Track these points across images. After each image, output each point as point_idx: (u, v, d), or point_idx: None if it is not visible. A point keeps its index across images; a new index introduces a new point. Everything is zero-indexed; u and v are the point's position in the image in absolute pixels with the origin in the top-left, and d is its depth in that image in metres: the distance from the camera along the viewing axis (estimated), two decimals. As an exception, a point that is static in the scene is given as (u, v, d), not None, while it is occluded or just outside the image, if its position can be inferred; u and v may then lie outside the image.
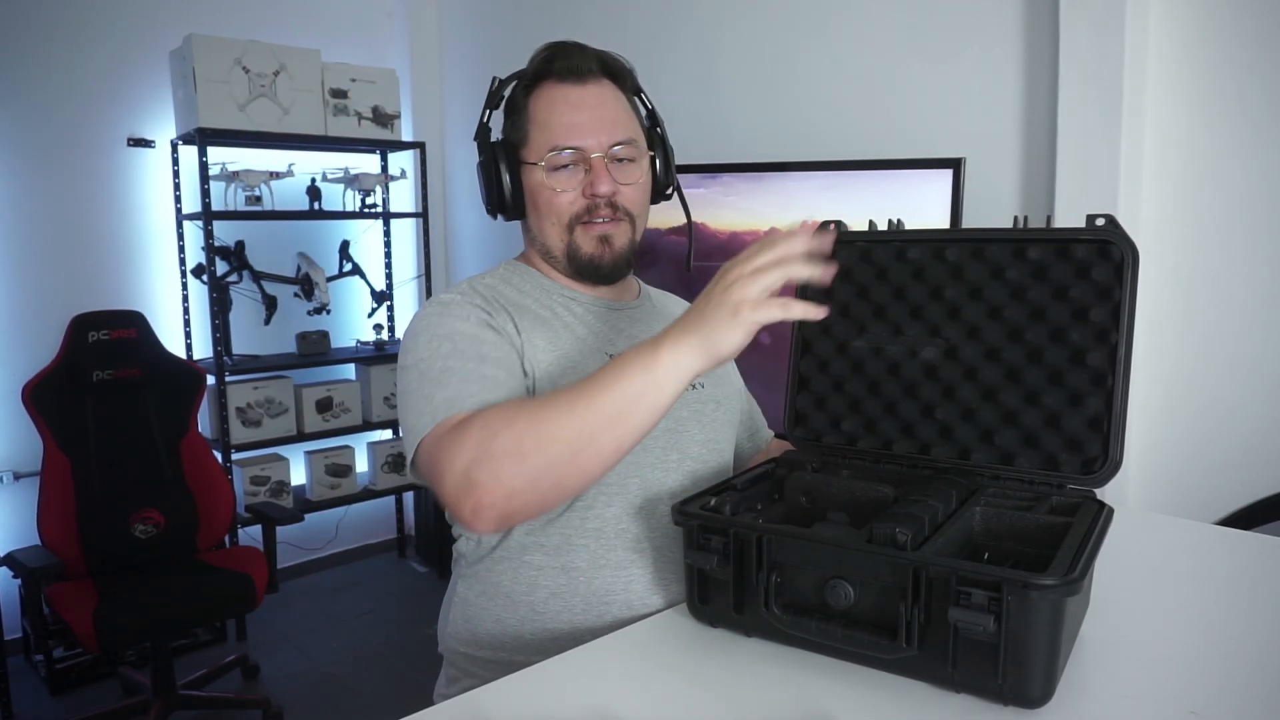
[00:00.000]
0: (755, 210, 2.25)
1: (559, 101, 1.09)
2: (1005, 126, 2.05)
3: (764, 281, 0.82)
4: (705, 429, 1.13)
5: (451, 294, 1.09)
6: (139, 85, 3.08)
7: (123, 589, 2.30)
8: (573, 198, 1.09)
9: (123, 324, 2.58)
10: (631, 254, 1.14)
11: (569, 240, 1.11)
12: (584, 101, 1.08)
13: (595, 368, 1.04)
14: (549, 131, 1.08)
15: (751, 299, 0.81)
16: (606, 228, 1.10)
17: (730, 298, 0.82)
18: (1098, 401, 0.93)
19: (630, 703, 0.79)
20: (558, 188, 1.08)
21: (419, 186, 3.58)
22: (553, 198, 1.09)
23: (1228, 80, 1.76)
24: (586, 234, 1.10)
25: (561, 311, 1.13)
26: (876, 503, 0.96)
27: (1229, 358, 1.81)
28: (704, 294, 0.86)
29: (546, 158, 1.08)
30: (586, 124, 1.08)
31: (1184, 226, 1.84)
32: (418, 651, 2.90)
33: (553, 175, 1.08)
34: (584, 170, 1.08)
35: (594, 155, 1.07)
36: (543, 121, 1.09)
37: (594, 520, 1.05)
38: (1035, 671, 0.73)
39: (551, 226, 1.11)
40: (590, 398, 0.85)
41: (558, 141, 1.07)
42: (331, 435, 3.39)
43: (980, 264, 1.00)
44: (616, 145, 1.09)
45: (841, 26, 2.34)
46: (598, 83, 1.10)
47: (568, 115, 1.08)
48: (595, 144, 1.08)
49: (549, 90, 1.09)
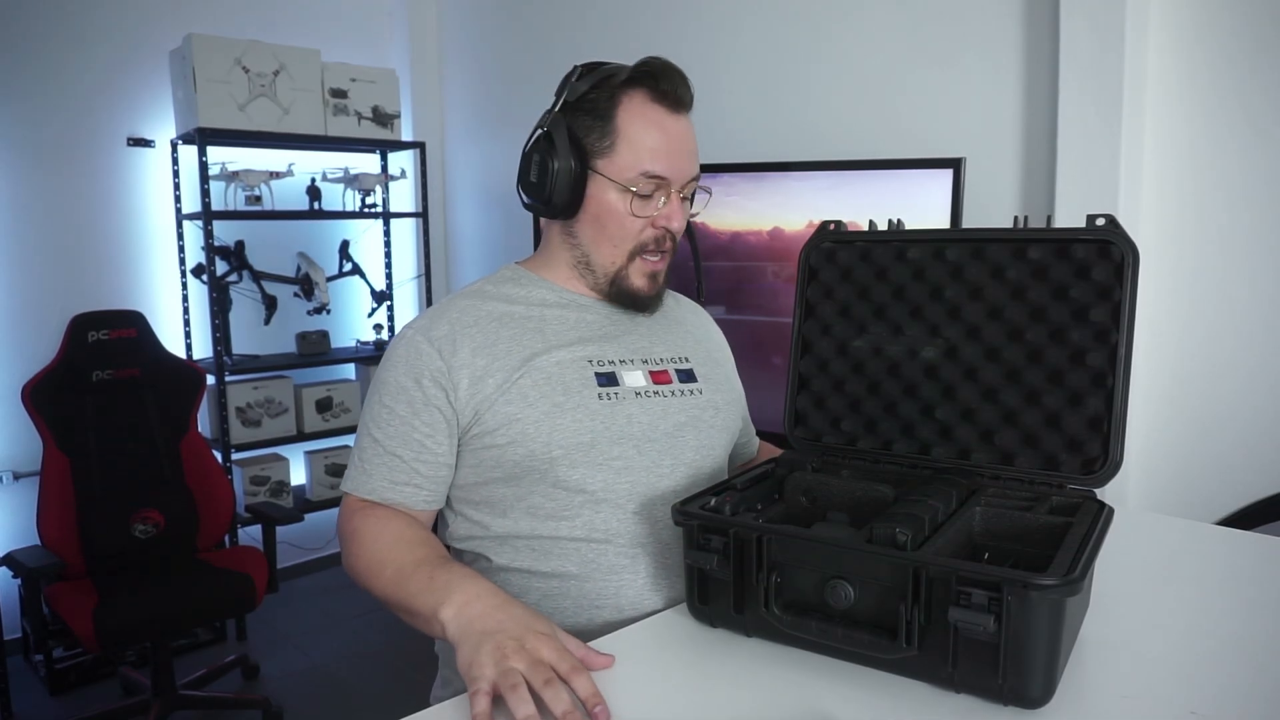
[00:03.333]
0: (756, 210, 2.25)
1: (655, 126, 1.06)
2: (1005, 126, 2.05)
3: (533, 671, 0.77)
4: (701, 434, 1.13)
5: (415, 333, 1.08)
6: (139, 85, 3.08)
7: (123, 589, 2.30)
8: (643, 225, 1.09)
9: (123, 324, 2.57)
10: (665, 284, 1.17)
11: (622, 266, 1.11)
12: (679, 132, 1.08)
13: (576, 380, 1.06)
14: (642, 155, 1.05)
15: (508, 668, 0.78)
16: (660, 265, 1.12)
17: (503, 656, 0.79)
18: (1098, 401, 0.93)
19: (630, 703, 0.79)
20: (638, 214, 1.08)
21: (419, 186, 3.58)
22: (628, 223, 1.08)
23: (1228, 80, 1.76)
24: (642, 267, 1.11)
25: (552, 318, 1.12)
26: (876, 503, 0.96)
27: (1229, 358, 1.81)
28: (502, 619, 0.84)
29: (636, 182, 1.06)
30: (677, 156, 1.07)
31: (1184, 226, 1.84)
32: (418, 651, 2.89)
33: (635, 201, 1.07)
34: (660, 201, 1.08)
35: (675, 189, 1.08)
36: (636, 141, 1.06)
37: (582, 528, 1.05)
38: (1035, 671, 0.73)
39: (612, 248, 1.10)
40: (397, 588, 0.95)
41: (649, 168, 1.06)
42: (331, 435, 3.39)
43: (980, 264, 1.00)
44: (692, 181, 1.10)
45: (842, 27, 2.34)
46: (688, 115, 1.10)
47: (664, 143, 1.06)
48: (679, 179, 1.08)
49: (643, 107, 1.06)
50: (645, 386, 1.10)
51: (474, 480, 1.08)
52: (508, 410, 1.04)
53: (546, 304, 1.13)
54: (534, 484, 1.05)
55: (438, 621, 0.88)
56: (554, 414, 1.04)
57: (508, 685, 0.76)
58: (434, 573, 0.94)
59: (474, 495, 1.09)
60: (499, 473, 1.05)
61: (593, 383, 1.07)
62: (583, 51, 3.27)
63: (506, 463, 1.04)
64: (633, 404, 1.08)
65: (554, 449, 1.03)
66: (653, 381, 1.11)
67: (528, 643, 0.81)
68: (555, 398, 1.05)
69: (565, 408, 1.04)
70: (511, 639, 0.81)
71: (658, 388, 1.11)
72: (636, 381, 1.10)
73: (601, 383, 1.08)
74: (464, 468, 1.08)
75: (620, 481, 1.05)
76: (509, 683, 0.77)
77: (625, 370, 1.10)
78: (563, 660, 0.80)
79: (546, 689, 0.76)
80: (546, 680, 0.77)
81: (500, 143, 3.51)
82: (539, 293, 1.14)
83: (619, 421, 1.06)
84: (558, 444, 1.03)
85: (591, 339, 1.11)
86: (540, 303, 1.13)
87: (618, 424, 1.06)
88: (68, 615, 2.16)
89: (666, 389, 1.12)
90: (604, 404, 1.06)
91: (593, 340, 1.11)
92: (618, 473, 1.05)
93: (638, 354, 1.13)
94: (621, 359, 1.11)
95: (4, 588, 2.67)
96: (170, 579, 2.39)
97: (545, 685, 0.77)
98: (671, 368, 1.15)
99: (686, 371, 1.16)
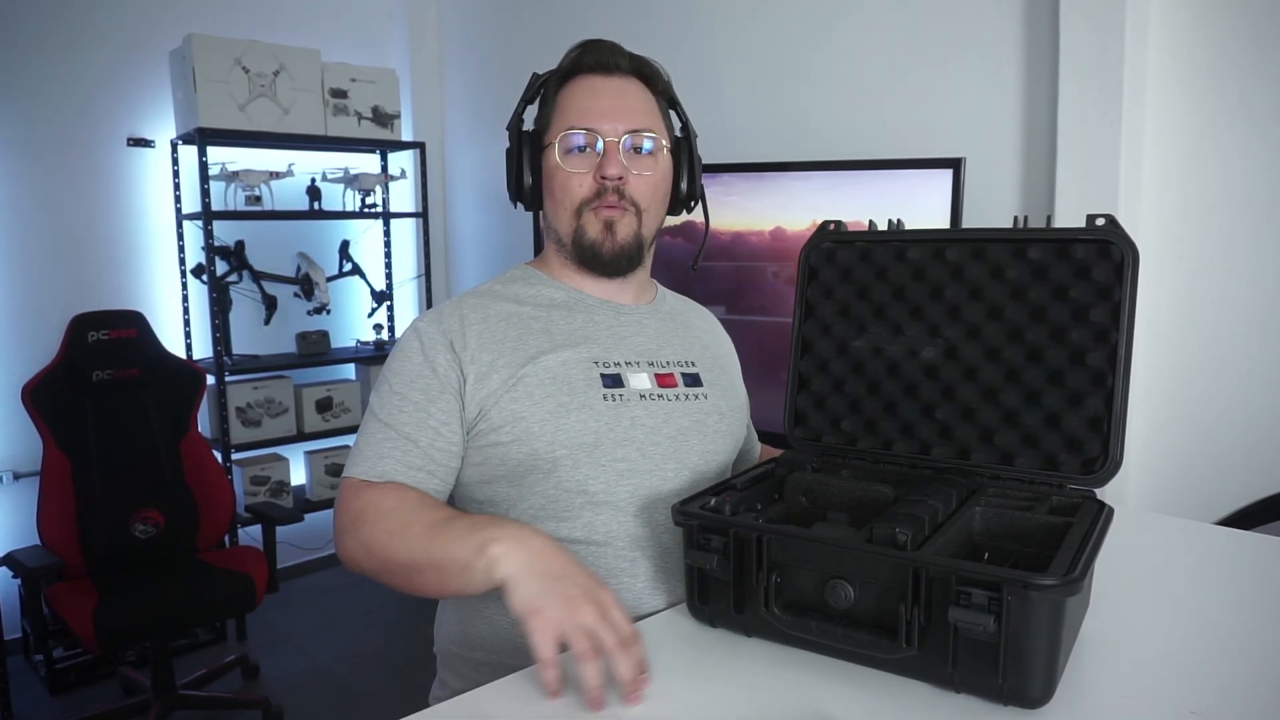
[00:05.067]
0: (756, 210, 2.25)
1: (583, 90, 1.11)
2: (1005, 126, 2.05)
3: (603, 629, 0.78)
4: (705, 439, 1.13)
5: (426, 325, 1.09)
6: (139, 85, 3.08)
7: (123, 589, 2.30)
8: (583, 179, 1.10)
9: (123, 324, 2.57)
10: (637, 248, 1.13)
11: (576, 225, 1.11)
12: (606, 90, 1.10)
13: (581, 380, 1.06)
14: (567, 114, 1.10)
15: (580, 622, 0.78)
16: (612, 213, 1.10)
17: (574, 604, 0.80)
18: (1098, 401, 0.93)
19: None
20: (570, 169, 1.09)
21: (419, 186, 3.58)
22: (565, 180, 1.10)
23: (1228, 80, 1.76)
24: (593, 219, 1.11)
25: (560, 319, 1.12)
26: (876, 503, 0.96)
27: (1229, 358, 1.81)
28: (578, 570, 0.85)
29: (560, 137, 1.10)
30: (605, 109, 1.09)
31: (1184, 226, 1.84)
32: (417, 652, 2.89)
33: (566, 157, 1.09)
34: (598, 156, 1.09)
35: (607, 139, 1.08)
36: (566, 108, 1.11)
37: (582, 529, 1.04)
38: (1035, 671, 0.73)
39: (563, 211, 1.12)
40: (429, 541, 0.91)
41: (573, 122, 1.09)
42: (331, 435, 3.39)
43: (980, 264, 1.00)
44: (631, 133, 1.09)
45: (842, 27, 2.34)
46: (624, 77, 1.12)
47: (587, 100, 1.10)
48: (610, 129, 1.09)
49: (578, 81, 1.12)
50: (650, 389, 1.10)
51: (477, 479, 1.08)
52: (513, 408, 1.04)
53: (554, 304, 1.14)
54: (536, 483, 1.05)
55: (485, 558, 0.85)
56: (559, 414, 1.04)
57: (583, 646, 0.77)
58: (475, 519, 0.93)
59: (476, 494, 1.09)
60: (502, 470, 1.05)
61: (598, 384, 1.07)
62: (583, 51, 3.25)
63: (510, 461, 1.04)
64: (637, 406, 1.08)
65: (558, 449, 1.03)
66: (658, 384, 1.11)
67: (595, 594, 0.81)
68: (560, 397, 1.05)
69: (570, 408, 1.04)
70: (579, 588, 0.81)
71: (662, 391, 1.11)
72: (641, 384, 1.10)
73: (607, 384, 1.08)
74: (468, 466, 1.08)
75: (622, 484, 1.05)
76: (583, 645, 0.77)
77: (630, 372, 1.10)
78: (626, 623, 0.80)
79: (620, 651, 0.77)
80: (622, 641, 0.78)
81: (500, 143, 3.47)
82: (547, 292, 1.15)
83: (623, 423, 1.06)
84: (561, 444, 1.03)
85: (597, 340, 1.11)
86: (548, 303, 1.14)
87: (622, 426, 1.06)
88: (68, 615, 2.16)
89: (671, 392, 1.12)
90: (609, 405, 1.06)
91: (598, 341, 1.11)
92: (620, 475, 1.05)
93: (643, 356, 1.13)
94: (627, 361, 1.11)
95: (4, 588, 2.67)
96: (170, 579, 2.39)
97: (619, 647, 0.77)
98: (677, 371, 1.15)
99: (692, 375, 1.16)
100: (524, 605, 0.81)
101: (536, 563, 0.84)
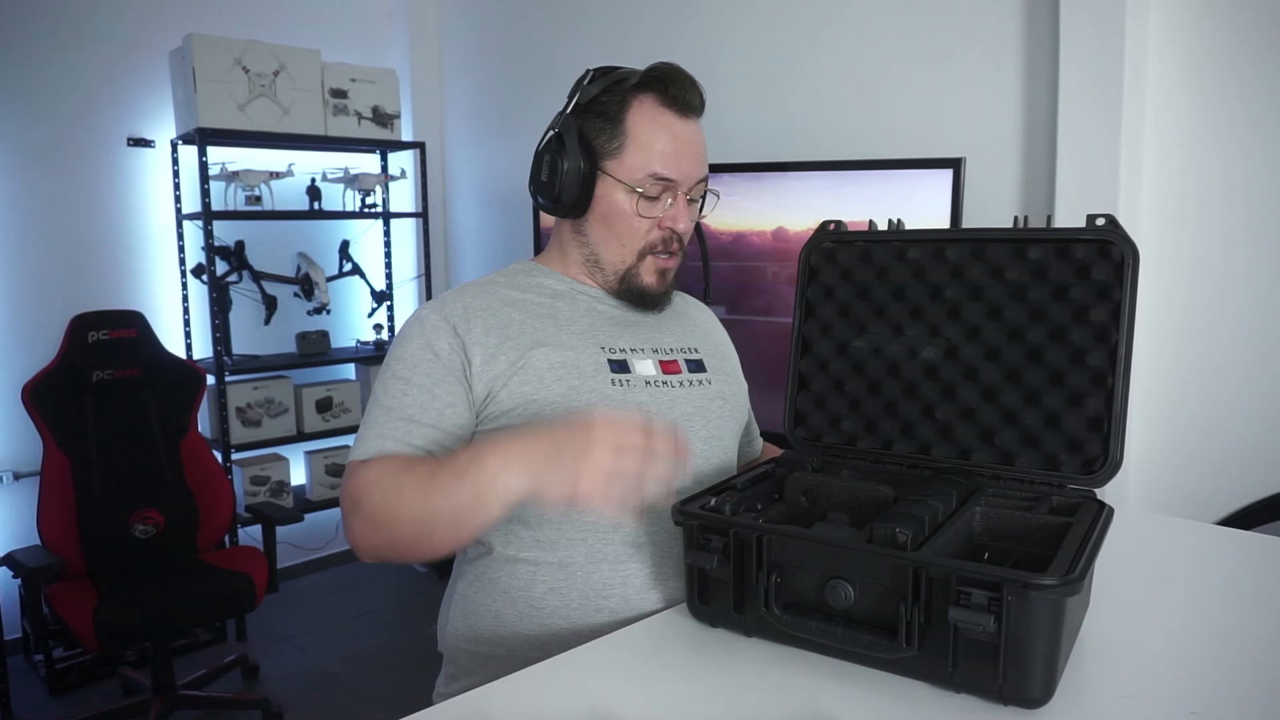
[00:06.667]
0: (756, 210, 2.25)
1: (664, 129, 1.08)
2: (1005, 126, 2.05)
3: (623, 464, 0.82)
4: (709, 425, 1.14)
5: (429, 311, 1.09)
6: (139, 85, 3.08)
7: (123, 589, 2.30)
8: (650, 226, 1.10)
9: (123, 324, 2.57)
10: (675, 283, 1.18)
11: (632, 265, 1.12)
12: (688, 136, 1.10)
13: (590, 365, 1.06)
14: (650, 157, 1.07)
15: (602, 472, 0.82)
16: (670, 263, 1.13)
17: (585, 459, 0.82)
18: (1098, 402, 0.93)
19: (630, 702, 0.79)
20: (645, 214, 1.09)
21: (419, 186, 3.58)
22: (635, 223, 1.10)
23: (1228, 80, 1.76)
24: (653, 265, 1.12)
25: (564, 307, 1.13)
26: (876, 503, 0.96)
27: (1229, 358, 1.81)
28: (564, 430, 0.86)
29: (643, 183, 1.08)
30: (685, 159, 1.09)
31: (1184, 226, 1.84)
32: (418, 651, 2.90)
33: (642, 202, 1.09)
34: (667, 202, 1.09)
35: (681, 191, 1.09)
36: (645, 144, 1.08)
37: (590, 516, 1.05)
38: (1035, 671, 0.73)
39: (621, 248, 1.12)
40: (430, 496, 0.91)
41: (657, 170, 1.07)
42: (331, 435, 3.39)
43: (980, 264, 1.00)
44: (699, 182, 1.11)
45: (842, 27, 2.34)
46: (697, 119, 1.12)
47: (672, 146, 1.08)
48: (686, 181, 1.09)
49: (653, 111, 1.08)
50: (655, 376, 1.11)
51: None
52: (524, 390, 1.04)
53: (558, 294, 1.14)
54: None
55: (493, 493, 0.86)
56: (570, 396, 1.04)
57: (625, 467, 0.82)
58: (457, 463, 0.91)
59: None
60: None
61: (606, 368, 1.08)
62: (583, 51, 3.27)
63: None
64: (643, 392, 1.09)
65: None
66: (662, 371, 1.13)
67: (591, 439, 0.83)
68: (570, 380, 1.05)
69: (581, 391, 1.05)
70: (578, 444, 0.83)
71: (667, 378, 1.12)
72: (647, 370, 1.11)
73: (614, 369, 1.09)
74: None
75: None
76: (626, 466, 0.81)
77: (636, 359, 1.11)
78: (632, 434, 0.83)
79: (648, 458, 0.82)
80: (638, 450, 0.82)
81: (500, 143, 3.51)
82: (550, 284, 1.16)
83: (631, 408, 1.07)
84: None
85: (603, 327, 1.13)
86: (551, 293, 1.14)
87: (629, 411, 1.06)
88: (68, 615, 2.16)
89: (675, 379, 1.13)
90: (617, 390, 1.07)
91: (604, 328, 1.12)
92: None
93: (648, 344, 1.14)
94: (632, 348, 1.12)
95: (4, 588, 2.66)
96: (170, 579, 2.39)
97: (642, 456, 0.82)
98: (681, 358, 1.16)
99: (696, 362, 1.17)
100: (558, 496, 0.83)
101: (533, 460, 0.86)
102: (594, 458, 0.82)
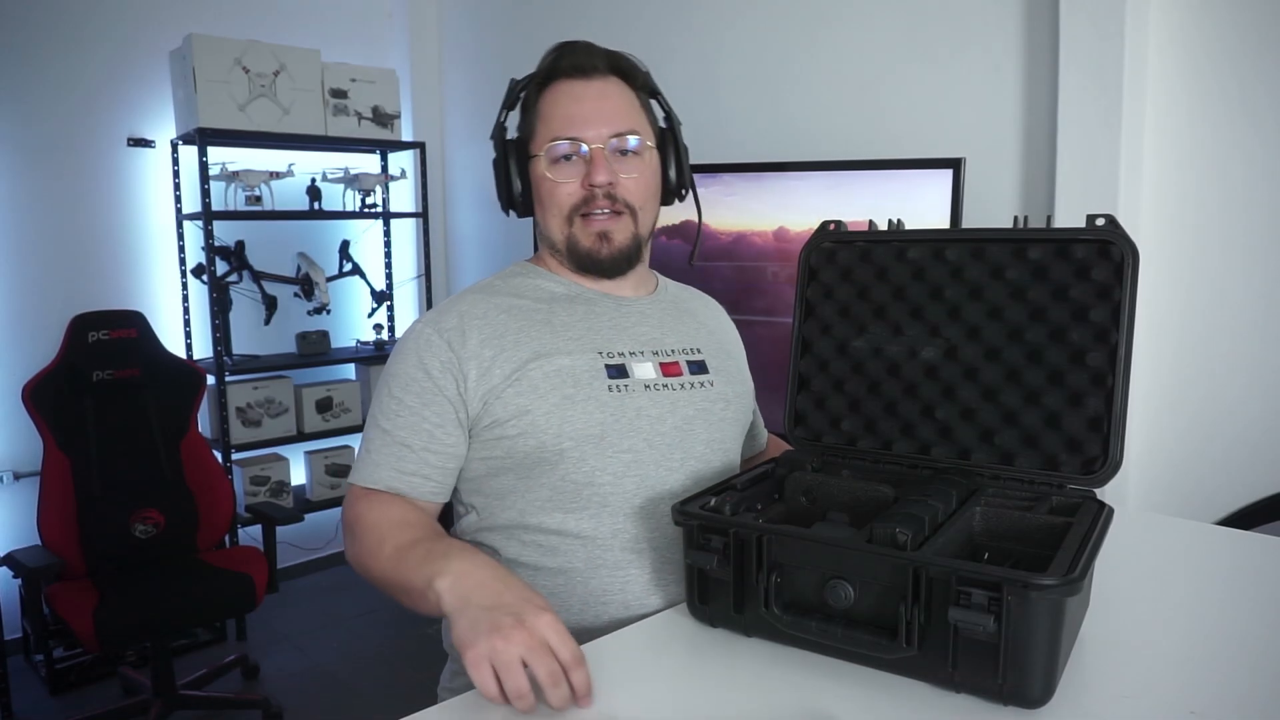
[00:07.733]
0: (756, 210, 2.25)
1: (563, 95, 1.11)
2: (1005, 126, 2.05)
3: (533, 663, 0.76)
4: (712, 428, 1.13)
5: (424, 326, 1.10)
6: (139, 85, 3.08)
7: (123, 589, 2.30)
8: (571, 189, 1.10)
9: (123, 324, 2.57)
10: (635, 249, 1.14)
11: (569, 233, 1.12)
12: (587, 95, 1.10)
13: (586, 372, 1.06)
14: (551, 124, 1.10)
15: (507, 656, 0.76)
16: (605, 223, 1.11)
17: (505, 635, 0.77)
18: (1098, 401, 0.93)
19: (630, 702, 0.79)
20: (557, 178, 1.10)
21: (419, 186, 3.58)
22: (553, 189, 1.11)
23: (1228, 80, 1.76)
24: (585, 228, 1.11)
25: (561, 311, 1.12)
26: (876, 503, 0.96)
27: (1228, 358, 1.81)
28: (518, 598, 0.82)
29: (546, 148, 1.10)
30: (587, 116, 1.09)
31: (1184, 226, 1.84)
32: (418, 651, 2.90)
33: (553, 167, 1.10)
34: (585, 163, 1.09)
35: (593, 146, 1.09)
36: (548, 116, 1.11)
37: (589, 521, 1.05)
38: (1035, 671, 0.73)
39: (553, 219, 1.12)
40: (398, 567, 0.95)
41: (557, 132, 1.09)
42: (331, 435, 3.39)
43: (980, 264, 1.00)
44: (616, 136, 1.09)
45: (842, 27, 2.34)
46: (603, 79, 1.12)
47: (569, 107, 1.10)
48: (594, 135, 1.09)
49: (557, 86, 1.12)
50: (655, 379, 1.11)
51: (483, 472, 1.08)
52: (518, 402, 1.04)
53: (555, 298, 1.14)
54: (542, 475, 1.05)
55: (432, 592, 0.86)
56: (564, 406, 1.04)
57: (513, 684, 0.75)
58: (431, 546, 0.94)
59: (484, 487, 1.09)
60: (509, 464, 1.06)
61: (602, 375, 1.08)
62: (583, 51, 3.24)
63: (516, 454, 1.05)
64: (642, 397, 1.08)
65: (564, 441, 1.04)
66: (662, 374, 1.12)
67: (527, 619, 0.79)
68: (565, 390, 1.05)
69: (576, 400, 1.05)
70: (510, 615, 0.80)
71: (667, 380, 1.12)
72: (646, 374, 1.11)
73: (611, 375, 1.08)
74: (474, 460, 1.08)
75: (628, 475, 1.06)
76: (514, 682, 0.76)
77: (635, 362, 1.11)
78: (564, 646, 0.78)
79: (550, 684, 0.76)
80: (550, 673, 0.76)
81: (500, 143, 3.51)
82: (548, 285, 1.16)
83: (628, 414, 1.07)
84: (568, 436, 1.04)
85: (600, 331, 1.12)
86: (549, 296, 1.14)
87: (627, 417, 1.06)
88: (68, 615, 2.16)
89: (676, 381, 1.12)
90: (614, 396, 1.07)
91: (601, 332, 1.12)
92: (626, 466, 1.05)
93: (648, 345, 1.14)
94: (631, 351, 1.12)
95: (4, 588, 2.66)
96: (170, 579, 2.39)
97: (550, 679, 0.76)
98: (683, 359, 1.15)
99: (698, 363, 1.16)
100: (458, 640, 0.80)
101: (474, 595, 0.84)
102: (515, 638, 0.77)
